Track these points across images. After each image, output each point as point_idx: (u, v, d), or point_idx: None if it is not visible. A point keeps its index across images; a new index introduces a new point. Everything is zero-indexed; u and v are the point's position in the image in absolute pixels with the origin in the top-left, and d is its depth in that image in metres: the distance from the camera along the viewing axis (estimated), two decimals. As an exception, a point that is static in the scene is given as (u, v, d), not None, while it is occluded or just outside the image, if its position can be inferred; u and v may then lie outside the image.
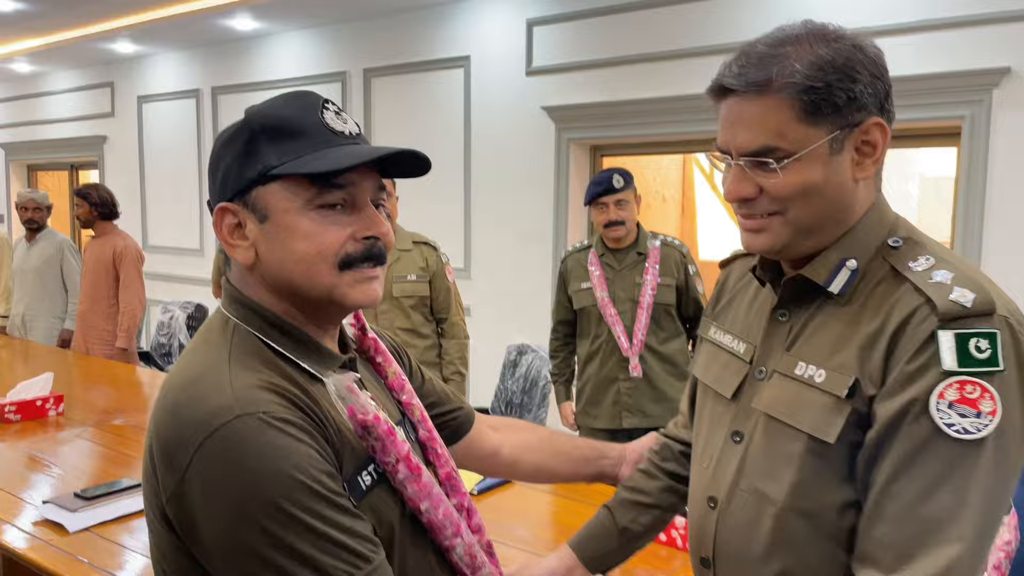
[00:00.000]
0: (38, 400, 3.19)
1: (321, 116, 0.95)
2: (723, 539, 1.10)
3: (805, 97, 0.94)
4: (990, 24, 3.25)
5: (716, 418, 1.15)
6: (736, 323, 1.17)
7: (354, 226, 0.94)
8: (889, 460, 0.91)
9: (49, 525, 2.15)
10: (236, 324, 0.96)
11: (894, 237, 1.02)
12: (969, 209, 3.34)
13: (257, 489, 0.83)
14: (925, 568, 0.87)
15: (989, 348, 0.89)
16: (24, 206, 5.05)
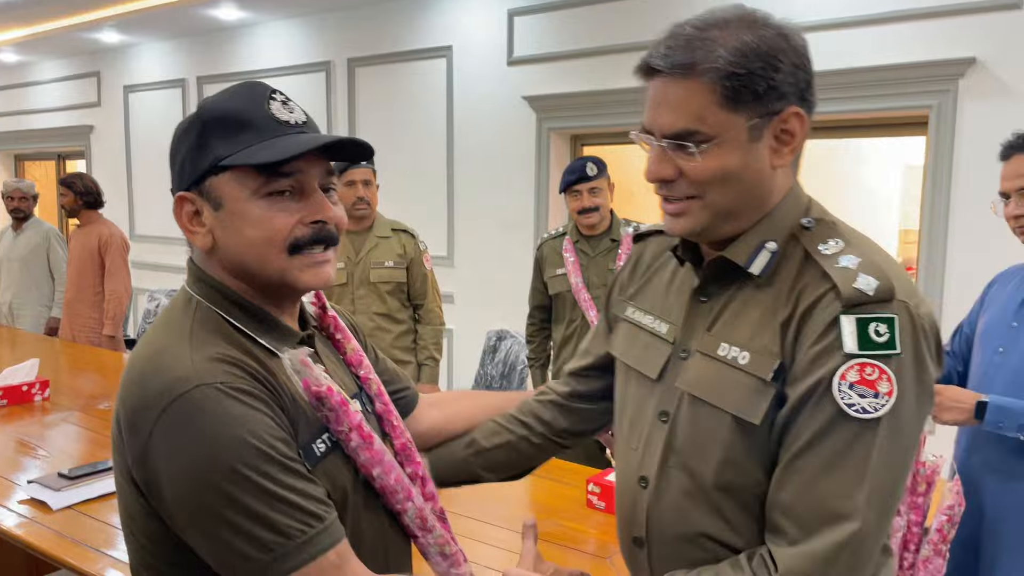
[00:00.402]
0: (24, 385, 3.24)
1: (267, 107, 0.99)
2: (656, 517, 1.10)
3: (727, 83, 0.95)
4: (956, 15, 3.31)
5: (641, 399, 1.14)
6: (656, 303, 1.17)
7: (302, 212, 0.99)
8: (794, 437, 0.94)
9: (34, 503, 2.21)
10: (199, 301, 1.01)
11: (807, 218, 1.04)
12: (936, 196, 3.42)
13: (215, 454, 0.88)
14: (824, 541, 0.91)
15: (887, 332, 0.92)
16: (10, 195, 5.08)
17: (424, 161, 5.11)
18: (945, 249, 3.42)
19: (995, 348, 2.04)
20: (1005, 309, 2.08)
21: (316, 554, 0.91)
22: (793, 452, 0.95)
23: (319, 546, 0.91)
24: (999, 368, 2.00)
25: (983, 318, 2.16)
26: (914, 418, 0.94)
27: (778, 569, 0.92)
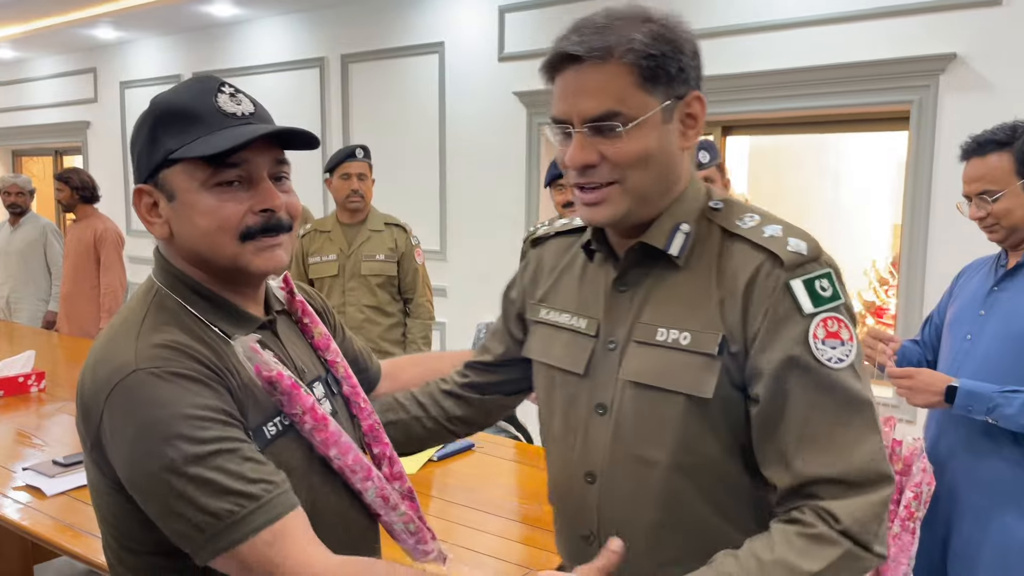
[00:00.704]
0: (20, 376, 3.29)
1: (215, 100, 1.02)
2: (608, 511, 1.10)
3: (644, 63, 0.99)
4: (937, 12, 3.36)
5: (571, 396, 1.15)
6: (569, 301, 1.18)
7: (251, 200, 1.02)
8: (789, 404, 0.98)
9: (29, 490, 2.27)
10: (159, 288, 1.05)
11: (712, 200, 1.10)
12: (917, 190, 3.47)
13: (148, 438, 0.92)
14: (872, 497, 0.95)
15: (830, 286, 1.00)
16: (7, 191, 5.12)
17: (417, 155, 5.16)
18: (926, 243, 3.47)
19: (963, 336, 2.10)
20: (974, 298, 2.14)
21: (248, 534, 0.92)
22: (793, 417, 0.97)
23: (250, 526, 0.92)
24: (967, 355, 2.05)
25: (952, 308, 2.22)
26: (862, 355, 1.03)
27: (841, 521, 0.93)
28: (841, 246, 6.11)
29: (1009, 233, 2.03)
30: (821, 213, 6.19)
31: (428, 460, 2.51)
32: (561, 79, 1.03)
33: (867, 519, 0.94)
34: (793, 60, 3.72)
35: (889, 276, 5.99)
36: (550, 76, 1.05)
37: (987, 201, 2.02)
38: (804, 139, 5.45)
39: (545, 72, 1.05)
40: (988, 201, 2.02)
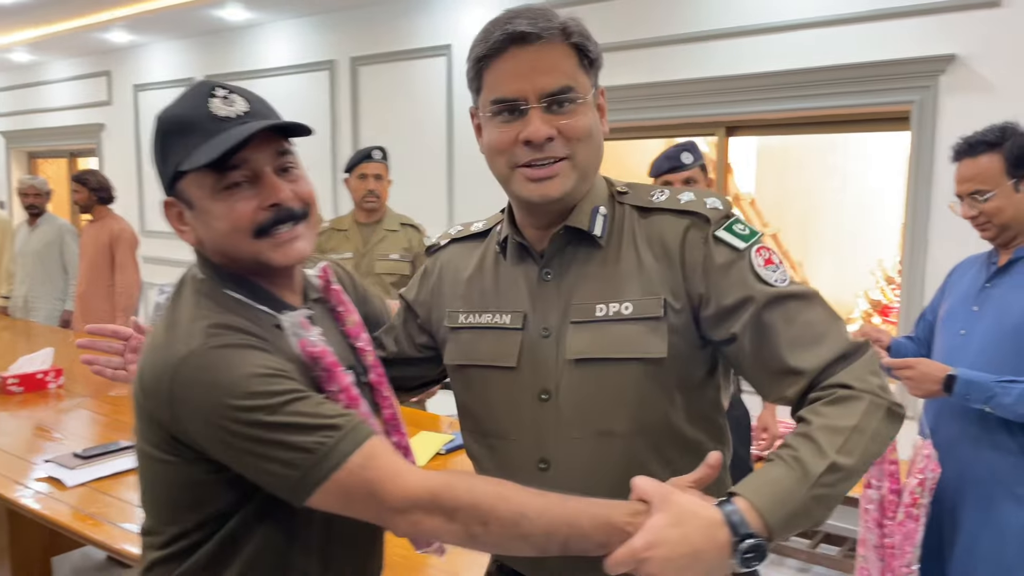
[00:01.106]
0: (39, 373, 3.38)
1: (208, 106, 1.06)
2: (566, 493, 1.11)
3: (584, 48, 1.09)
4: (937, 13, 3.40)
5: (507, 391, 1.17)
6: (488, 301, 1.21)
7: (258, 198, 1.07)
8: (776, 331, 1.05)
9: (50, 481, 2.35)
10: (203, 280, 1.11)
11: (616, 187, 1.19)
12: (918, 190, 3.52)
13: (224, 399, 0.98)
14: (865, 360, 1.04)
15: (744, 227, 1.11)
16: (25, 192, 5.22)
17: (425, 156, 5.23)
18: (927, 241, 3.52)
19: (957, 331, 2.15)
20: (966, 295, 2.19)
21: (340, 460, 0.97)
22: (785, 337, 1.04)
23: (342, 452, 0.97)
24: (961, 349, 2.11)
25: (944, 304, 2.27)
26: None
27: (850, 386, 1.00)
28: (848, 245, 6.13)
29: (1000, 231, 2.09)
30: (828, 212, 6.22)
31: (436, 453, 2.57)
32: (509, 59, 1.07)
33: (868, 376, 1.02)
34: (795, 61, 3.76)
35: (896, 275, 6.02)
36: (488, 58, 1.08)
37: (979, 200, 2.08)
38: (811, 139, 5.48)
39: (487, 54, 1.08)
40: (980, 200, 2.08)
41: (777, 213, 6.01)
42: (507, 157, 1.10)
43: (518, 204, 1.18)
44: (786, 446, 0.98)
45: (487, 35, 1.09)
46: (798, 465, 0.94)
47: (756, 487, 0.94)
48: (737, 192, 5.76)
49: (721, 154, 4.24)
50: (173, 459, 1.06)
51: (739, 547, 0.90)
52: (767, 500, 0.92)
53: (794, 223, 6.19)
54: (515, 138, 1.08)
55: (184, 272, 1.17)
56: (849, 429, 0.97)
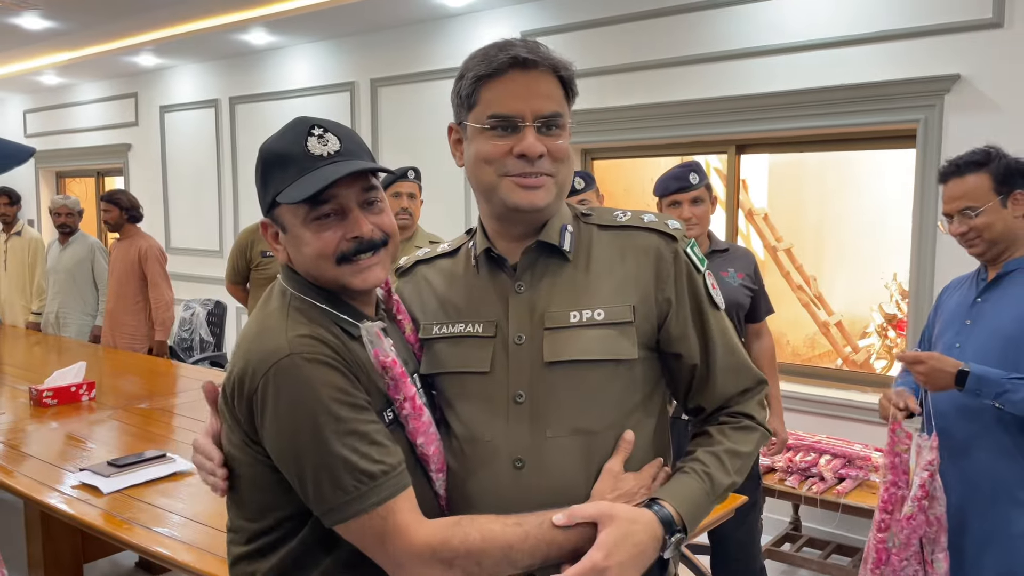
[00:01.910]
0: (72, 386, 3.51)
1: (305, 145, 1.18)
2: (538, 491, 1.19)
3: (568, 82, 1.22)
4: (942, 34, 3.48)
5: (479, 394, 1.25)
6: (459, 313, 1.30)
7: (343, 230, 1.19)
8: (716, 349, 1.27)
9: (86, 488, 2.46)
10: (292, 293, 1.22)
11: (579, 210, 1.32)
12: (924, 206, 3.59)
13: (296, 415, 1.10)
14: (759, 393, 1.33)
15: (699, 250, 1.30)
16: (57, 211, 5.39)
17: (443, 175, 5.34)
18: (934, 256, 3.58)
19: (951, 344, 2.23)
20: (957, 311, 2.28)
21: (365, 509, 1.09)
22: (708, 355, 1.27)
23: (368, 501, 1.09)
24: (958, 360, 2.15)
25: (938, 323, 2.36)
26: None
27: (752, 416, 1.30)
28: (862, 259, 6.17)
29: (989, 246, 2.18)
30: (842, 227, 6.26)
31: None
32: (509, 81, 1.19)
33: (761, 409, 1.32)
34: (803, 81, 3.85)
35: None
36: (489, 77, 1.19)
37: (969, 216, 2.17)
38: (823, 154, 5.55)
39: (489, 74, 1.19)
40: (971, 216, 2.17)
41: (790, 228, 6.07)
42: (496, 167, 1.20)
43: (496, 214, 1.27)
44: (699, 461, 1.24)
45: (488, 57, 1.20)
46: (708, 480, 1.22)
47: (677, 495, 1.18)
48: (751, 207, 5.83)
49: (732, 171, 4.32)
50: (250, 459, 1.18)
51: (670, 540, 1.15)
52: (686, 506, 1.18)
53: (807, 238, 6.24)
54: (507, 151, 1.19)
55: (273, 283, 1.29)
56: (746, 455, 1.27)
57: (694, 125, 4.23)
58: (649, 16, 4.33)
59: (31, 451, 2.87)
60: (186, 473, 2.56)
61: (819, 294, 5.91)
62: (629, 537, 1.10)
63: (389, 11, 5.10)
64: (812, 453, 3.58)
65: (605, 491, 1.18)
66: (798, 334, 6.24)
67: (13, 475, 2.61)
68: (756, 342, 2.93)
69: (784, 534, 3.86)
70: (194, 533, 2.16)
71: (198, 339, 5.84)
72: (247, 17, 5.44)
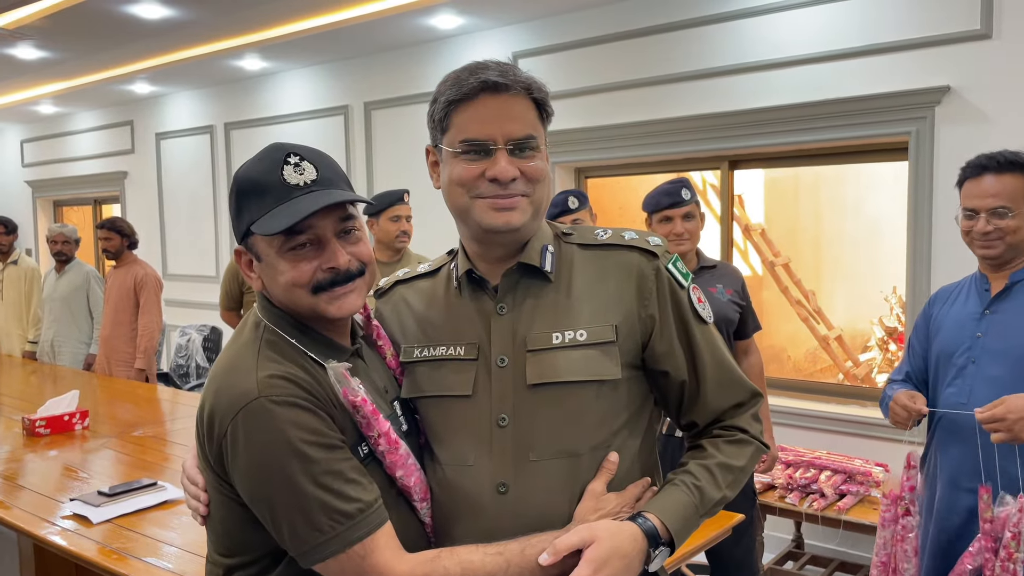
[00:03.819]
0: (65, 415, 3.49)
1: (281, 174, 1.16)
2: (523, 516, 1.18)
3: (539, 104, 1.21)
4: (931, 47, 3.49)
5: (462, 418, 1.23)
6: (442, 334, 1.28)
7: (319, 259, 1.17)
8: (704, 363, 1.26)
9: (76, 518, 2.44)
10: (265, 325, 1.21)
11: (560, 229, 1.31)
12: (919, 218, 3.58)
13: (265, 458, 1.10)
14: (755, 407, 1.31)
15: (683, 266, 1.29)
16: (54, 239, 5.40)
17: (437, 196, 5.33)
18: (929, 267, 3.57)
19: (967, 360, 2.13)
20: (963, 324, 2.18)
21: (344, 547, 1.09)
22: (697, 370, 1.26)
23: (346, 540, 1.09)
24: (975, 378, 2.10)
25: (937, 338, 2.25)
26: None
27: (746, 431, 1.28)
28: (861, 273, 6.16)
29: (1007, 250, 2.11)
30: (840, 241, 6.26)
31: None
32: (479, 105, 1.18)
33: (755, 423, 1.30)
34: (795, 96, 3.86)
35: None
36: (460, 102, 1.18)
37: (1002, 216, 2.09)
38: (819, 168, 5.56)
39: (459, 98, 1.18)
40: (1004, 216, 2.09)
41: (788, 243, 6.06)
42: (469, 189, 1.20)
43: (474, 236, 1.25)
44: (690, 474, 1.22)
45: (459, 81, 1.19)
46: (698, 493, 1.20)
47: (665, 508, 1.18)
48: (748, 223, 5.83)
49: (725, 187, 4.32)
50: (223, 497, 1.17)
51: (655, 553, 1.14)
52: (672, 519, 1.17)
53: (805, 253, 6.23)
54: (480, 174, 1.18)
55: (249, 312, 1.28)
56: (739, 469, 1.25)
57: (687, 142, 4.23)
58: (639, 35, 4.35)
59: (25, 482, 2.84)
60: (177, 501, 2.53)
61: (818, 309, 5.89)
62: (615, 551, 1.10)
63: (381, 35, 5.13)
64: (812, 469, 3.55)
65: (587, 512, 1.17)
66: (798, 349, 6.22)
67: (6, 507, 2.58)
68: (745, 359, 2.91)
69: (787, 552, 3.82)
70: (187, 564, 2.13)
71: (194, 365, 5.82)
72: (240, 43, 5.46)
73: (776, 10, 3.89)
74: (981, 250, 2.16)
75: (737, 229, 5.29)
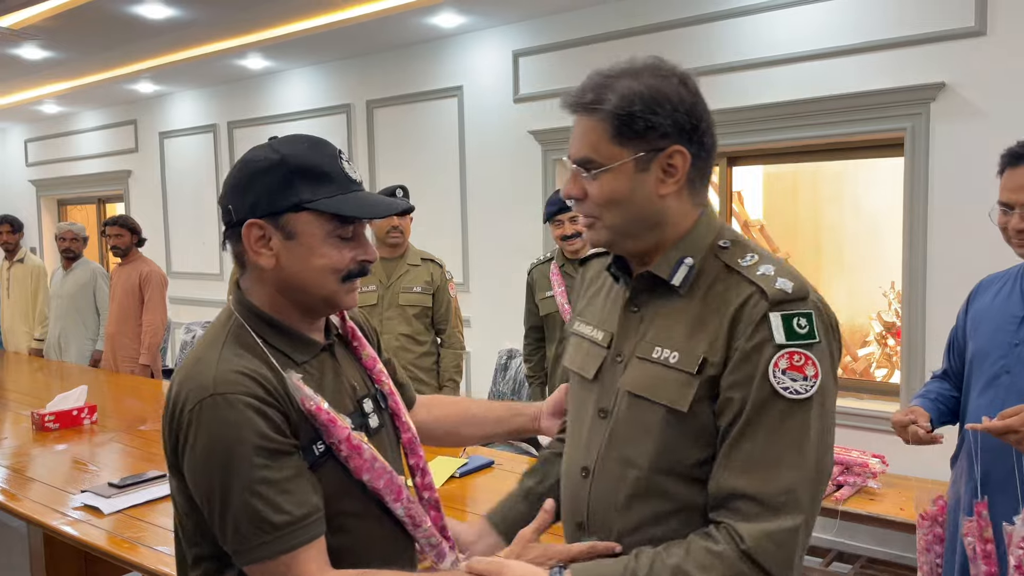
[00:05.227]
0: (74, 410, 3.53)
1: (341, 165, 1.22)
2: (594, 501, 1.22)
3: (615, 121, 1.12)
4: (926, 44, 3.53)
5: (583, 399, 1.28)
6: (595, 316, 1.31)
7: (355, 251, 1.23)
8: (738, 421, 1.08)
9: (88, 509, 2.49)
10: (236, 319, 1.23)
11: (723, 239, 1.19)
12: (914, 213, 3.62)
13: (212, 453, 1.12)
14: (780, 524, 1.04)
15: (807, 324, 1.08)
16: (62, 236, 5.44)
17: (439, 193, 5.41)
18: (925, 262, 3.61)
19: (1000, 369, 1.98)
20: (1000, 327, 2.01)
21: (267, 556, 1.12)
22: (734, 434, 1.08)
23: (268, 551, 1.12)
24: (1008, 390, 1.95)
25: (975, 336, 2.09)
26: (832, 400, 1.12)
27: (745, 541, 1.04)
28: (860, 268, 6.20)
29: None
30: (839, 236, 6.30)
31: (451, 476, 2.69)
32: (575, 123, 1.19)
33: (770, 544, 1.04)
34: (792, 93, 3.91)
35: (907, 297, 6.06)
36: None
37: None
38: (818, 164, 5.60)
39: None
40: None
41: (787, 239, 6.10)
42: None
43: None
44: (641, 556, 1.08)
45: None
46: (627, 571, 1.07)
47: (588, 570, 1.09)
48: (747, 219, 5.87)
49: (724, 183, 4.37)
50: (180, 485, 1.21)
51: None
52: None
53: (804, 248, 6.27)
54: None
55: (223, 308, 1.30)
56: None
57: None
58: (637, 33, 4.39)
59: (35, 475, 2.89)
60: (187, 492, 2.58)
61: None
62: None
63: (383, 34, 5.17)
64: (810, 461, 3.58)
65: (508, 555, 1.21)
66: (797, 344, 6.24)
67: (17, 499, 2.63)
68: None
69: (785, 543, 3.86)
70: (195, 551, 2.18)
71: (200, 362, 5.87)
72: (244, 43, 5.51)
73: (773, 8, 3.93)
74: (1019, 248, 1.98)
75: (736, 225, 5.33)
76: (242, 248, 1.24)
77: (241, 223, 1.21)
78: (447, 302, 3.65)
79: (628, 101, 1.12)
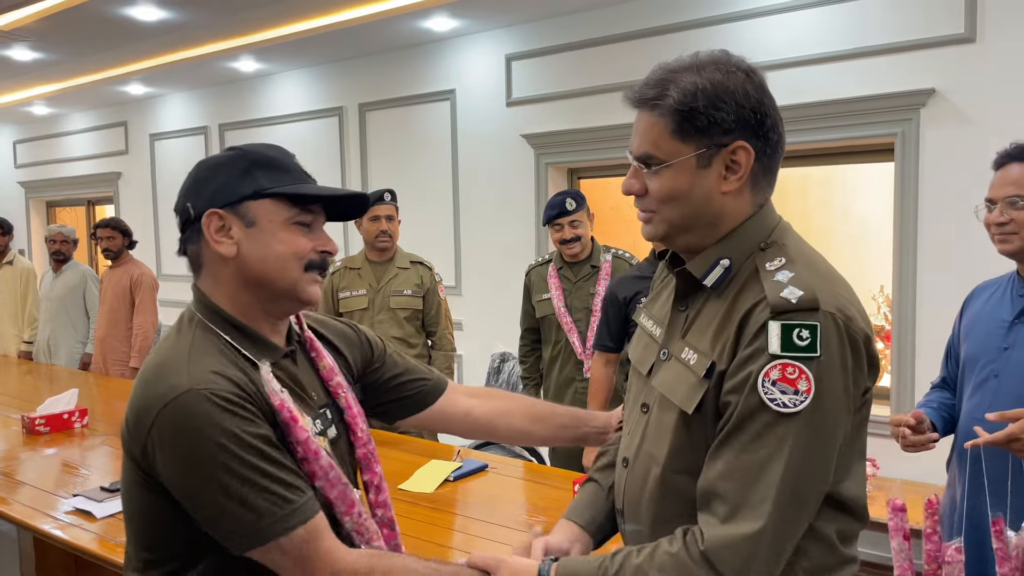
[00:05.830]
0: (64, 413, 3.51)
1: (297, 163, 1.29)
2: (628, 491, 1.25)
3: (676, 117, 1.10)
4: (917, 50, 3.56)
5: (636, 392, 1.29)
6: (656, 311, 1.30)
7: (315, 241, 1.26)
8: (727, 425, 1.07)
9: (79, 513, 2.47)
10: (200, 320, 1.23)
11: (768, 240, 1.15)
12: (904, 218, 3.65)
13: (199, 447, 1.10)
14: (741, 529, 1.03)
15: (809, 337, 1.03)
16: (52, 239, 5.42)
17: (431, 197, 5.40)
18: (915, 267, 3.64)
19: (989, 373, 1.99)
20: (991, 332, 2.02)
21: (287, 529, 1.12)
22: (720, 438, 1.07)
23: (289, 523, 1.12)
24: (996, 394, 1.95)
25: (967, 341, 2.10)
26: (833, 420, 1.06)
27: (703, 543, 1.04)
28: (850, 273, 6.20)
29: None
30: (829, 241, 6.32)
31: (445, 480, 2.69)
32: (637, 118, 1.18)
33: (724, 548, 1.03)
34: (782, 98, 3.85)
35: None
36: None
37: (1017, 207, 1.92)
38: (807, 170, 5.62)
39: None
40: (1019, 207, 1.92)
41: (777, 243, 6.11)
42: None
43: None
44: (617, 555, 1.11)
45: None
46: (600, 570, 1.11)
47: (568, 565, 1.16)
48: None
49: (716, 188, 4.38)
50: (147, 490, 1.18)
51: None
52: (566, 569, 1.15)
53: (794, 252, 6.29)
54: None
55: (183, 312, 1.29)
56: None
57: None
58: (631, 37, 4.41)
59: (25, 479, 2.87)
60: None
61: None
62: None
63: (376, 37, 5.17)
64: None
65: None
66: (787, 348, 6.25)
67: (7, 503, 2.61)
68: None
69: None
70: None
71: (190, 365, 5.85)
72: (235, 45, 5.49)
73: (765, 14, 3.95)
74: (998, 244, 1.98)
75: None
76: (200, 246, 1.25)
77: (199, 218, 1.23)
78: (437, 304, 3.66)
79: (690, 96, 1.10)
